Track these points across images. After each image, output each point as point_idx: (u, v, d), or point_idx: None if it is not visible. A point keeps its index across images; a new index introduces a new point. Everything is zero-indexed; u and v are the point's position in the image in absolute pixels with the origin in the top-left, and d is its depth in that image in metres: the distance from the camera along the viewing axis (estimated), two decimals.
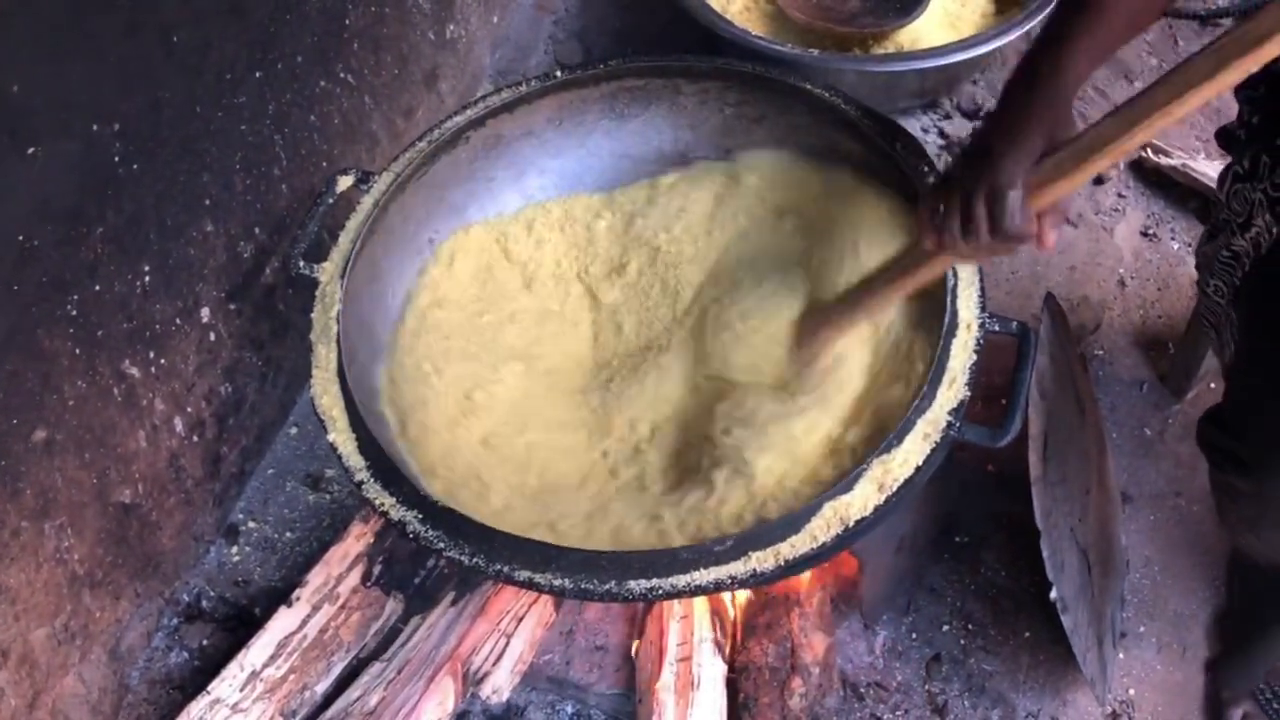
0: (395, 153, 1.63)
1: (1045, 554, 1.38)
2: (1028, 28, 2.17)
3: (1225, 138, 1.43)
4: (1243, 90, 1.35)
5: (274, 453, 1.94)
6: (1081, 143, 1.11)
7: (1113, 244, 2.24)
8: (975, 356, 1.34)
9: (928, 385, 1.30)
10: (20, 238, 1.25)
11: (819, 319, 1.50)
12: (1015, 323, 1.38)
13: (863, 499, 1.23)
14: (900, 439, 1.27)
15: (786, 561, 1.21)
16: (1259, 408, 1.29)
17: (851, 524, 1.22)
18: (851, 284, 1.47)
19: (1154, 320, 2.12)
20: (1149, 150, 2.33)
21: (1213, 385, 1.98)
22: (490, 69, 2.48)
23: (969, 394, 1.31)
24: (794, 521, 1.22)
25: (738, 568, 1.21)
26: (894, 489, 1.24)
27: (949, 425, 1.29)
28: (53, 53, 1.23)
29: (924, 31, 2.35)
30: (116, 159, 1.37)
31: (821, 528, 1.22)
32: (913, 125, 2.36)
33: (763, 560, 1.21)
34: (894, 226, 1.50)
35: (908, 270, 1.34)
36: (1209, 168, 2.27)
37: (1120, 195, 2.32)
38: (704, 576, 1.20)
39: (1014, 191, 1.12)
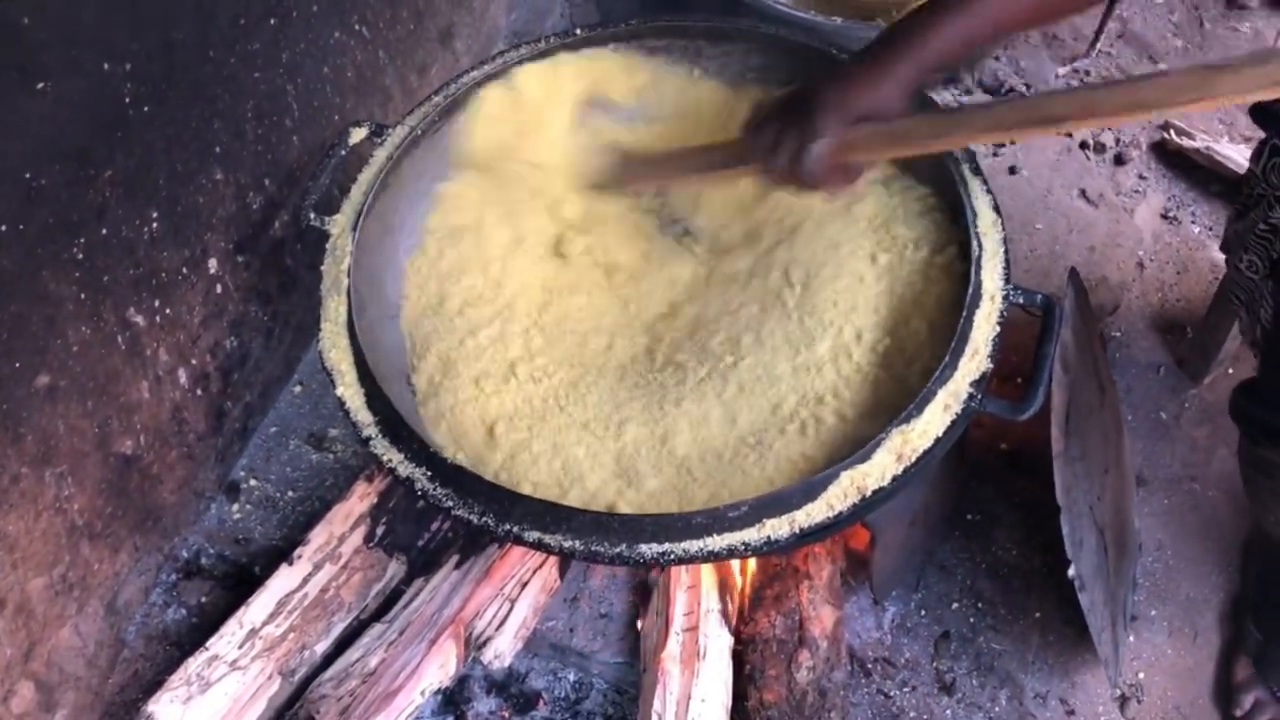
0: (407, 109, 1.60)
1: (1065, 530, 1.36)
2: None
3: (1261, 113, 1.40)
4: None
5: (277, 410, 1.91)
6: (894, 128, 1.24)
7: (1133, 225, 2.21)
8: (998, 328, 1.32)
9: (949, 356, 1.27)
10: (27, 175, 1.22)
11: (635, 162, 1.60)
12: (1040, 295, 1.36)
13: (880, 469, 1.21)
14: (920, 409, 1.24)
15: (801, 530, 1.18)
16: None
17: (869, 494, 1.19)
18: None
19: (1173, 303, 2.09)
20: (1172, 132, 2.30)
21: (1230, 370, 1.96)
22: (505, 29, 2.44)
23: (991, 366, 1.29)
24: (810, 489, 1.20)
25: (751, 534, 1.18)
26: (913, 460, 1.21)
27: (970, 397, 1.26)
28: None
29: None
30: (127, 100, 1.34)
31: (838, 496, 1.19)
32: (929, 96, 2.32)
33: (777, 528, 1.18)
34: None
35: (723, 160, 1.44)
36: (1233, 151, 2.24)
37: (1141, 177, 2.29)
38: (717, 542, 1.18)
39: (817, 144, 1.23)
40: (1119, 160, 2.31)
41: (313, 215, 1.47)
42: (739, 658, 1.54)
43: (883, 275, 1.43)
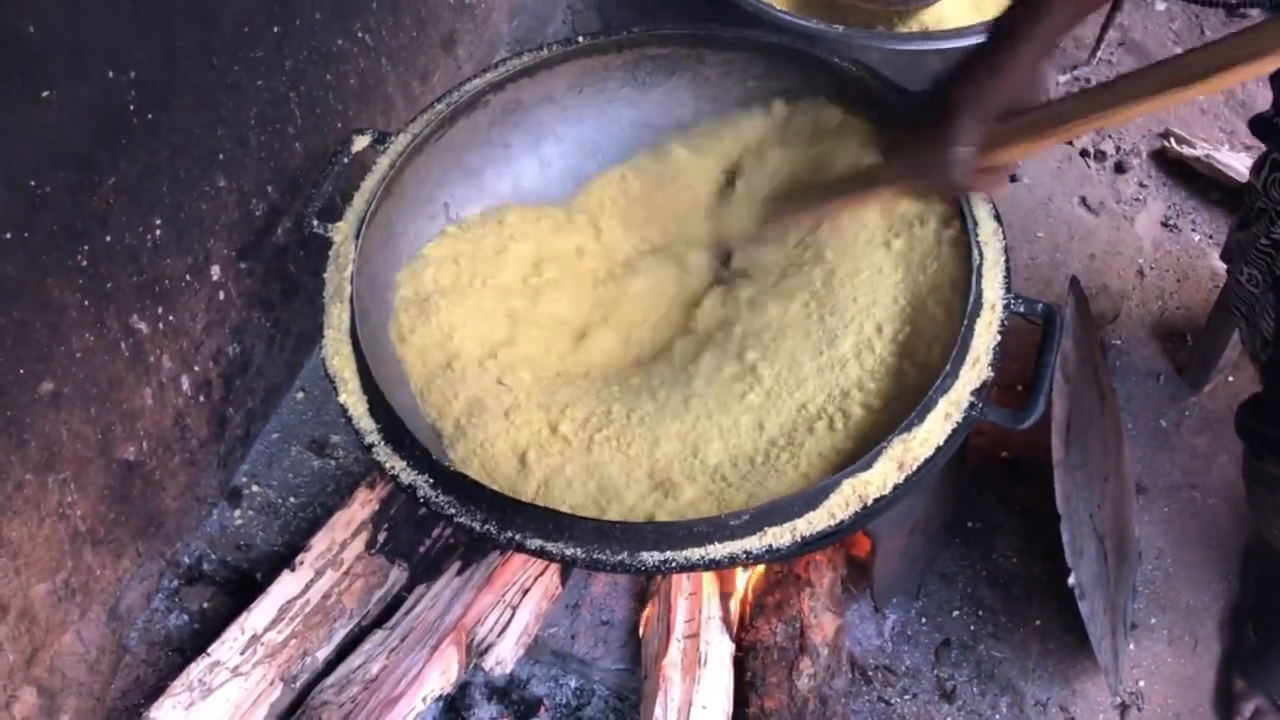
0: (409, 116, 1.61)
1: (1065, 539, 1.36)
2: None
3: (1261, 126, 1.40)
4: (1277, 79, 1.33)
5: (279, 416, 1.91)
6: (1039, 115, 1.18)
7: (1133, 233, 2.21)
8: (999, 337, 1.32)
9: (950, 364, 1.28)
10: (32, 183, 1.23)
11: (784, 201, 1.56)
12: (1041, 304, 1.36)
13: (882, 477, 1.21)
14: (921, 418, 1.24)
15: (803, 538, 1.18)
16: None
17: (870, 502, 1.19)
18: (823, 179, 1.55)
19: (1173, 311, 2.09)
20: (1172, 140, 2.31)
21: (1230, 379, 1.96)
22: (508, 36, 2.45)
23: (992, 374, 1.29)
24: (811, 498, 1.20)
25: (753, 543, 1.19)
26: (914, 468, 1.22)
27: (971, 405, 1.26)
28: None
29: (949, 12, 2.31)
30: (131, 107, 1.35)
31: (840, 505, 1.20)
32: None
33: (779, 536, 1.19)
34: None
35: (864, 186, 1.42)
36: (1233, 159, 2.25)
37: (1141, 185, 2.29)
38: (718, 550, 1.18)
39: (964, 148, 1.20)
40: (1119, 168, 2.31)
41: (315, 222, 1.47)
42: (740, 665, 1.54)
43: (898, 262, 1.42)
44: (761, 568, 1.62)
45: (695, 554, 1.18)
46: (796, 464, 1.32)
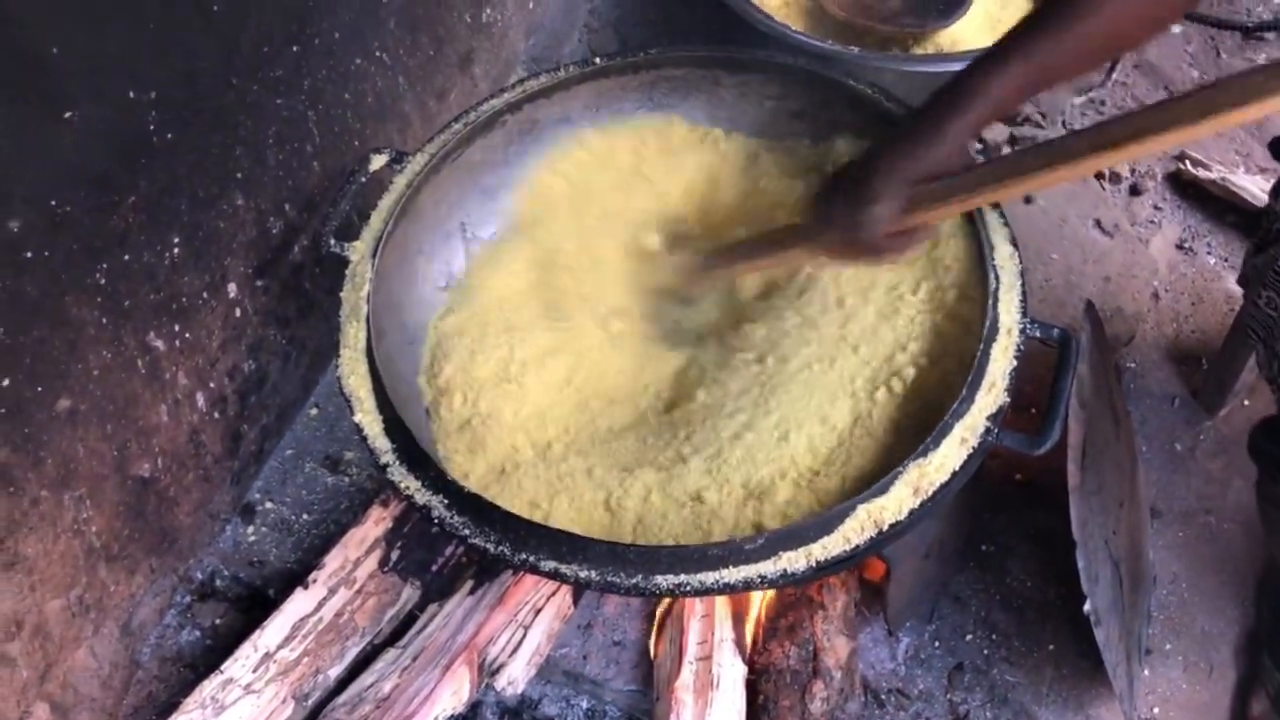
0: (426, 134, 1.62)
1: (1080, 565, 1.35)
2: None
3: (1279, 148, 1.40)
4: None
5: (293, 433, 1.92)
6: (956, 182, 1.18)
7: (1148, 256, 2.21)
8: (1015, 362, 1.32)
9: (966, 390, 1.28)
10: (53, 202, 1.23)
11: (719, 251, 1.57)
12: (1057, 329, 1.36)
13: (897, 502, 1.21)
14: (937, 443, 1.24)
15: (818, 563, 1.18)
16: None
17: (885, 527, 1.19)
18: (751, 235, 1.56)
19: (1188, 334, 2.09)
20: (1187, 162, 2.31)
21: (1246, 402, 1.96)
22: (524, 55, 2.46)
23: (1008, 400, 1.29)
24: (827, 522, 1.20)
25: (767, 567, 1.19)
26: (929, 493, 1.22)
27: (987, 431, 1.26)
28: (91, 16, 1.22)
29: (964, 34, 2.32)
30: (151, 127, 1.36)
31: (855, 530, 1.20)
32: None
33: (794, 560, 1.19)
34: None
35: (786, 243, 1.42)
36: (1248, 182, 2.24)
37: (1156, 207, 2.29)
38: (733, 574, 1.18)
39: (875, 207, 1.20)
40: (1134, 190, 2.31)
41: (332, 241, 1.48)
42: (752, 688, 1.53)
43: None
44: (774, 590, 1.61)
45: (710, 578, 1.18)
46: (874, 436, 1.36)
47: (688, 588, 1.18)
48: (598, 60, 1.67)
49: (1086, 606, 1.37)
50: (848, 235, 1.24)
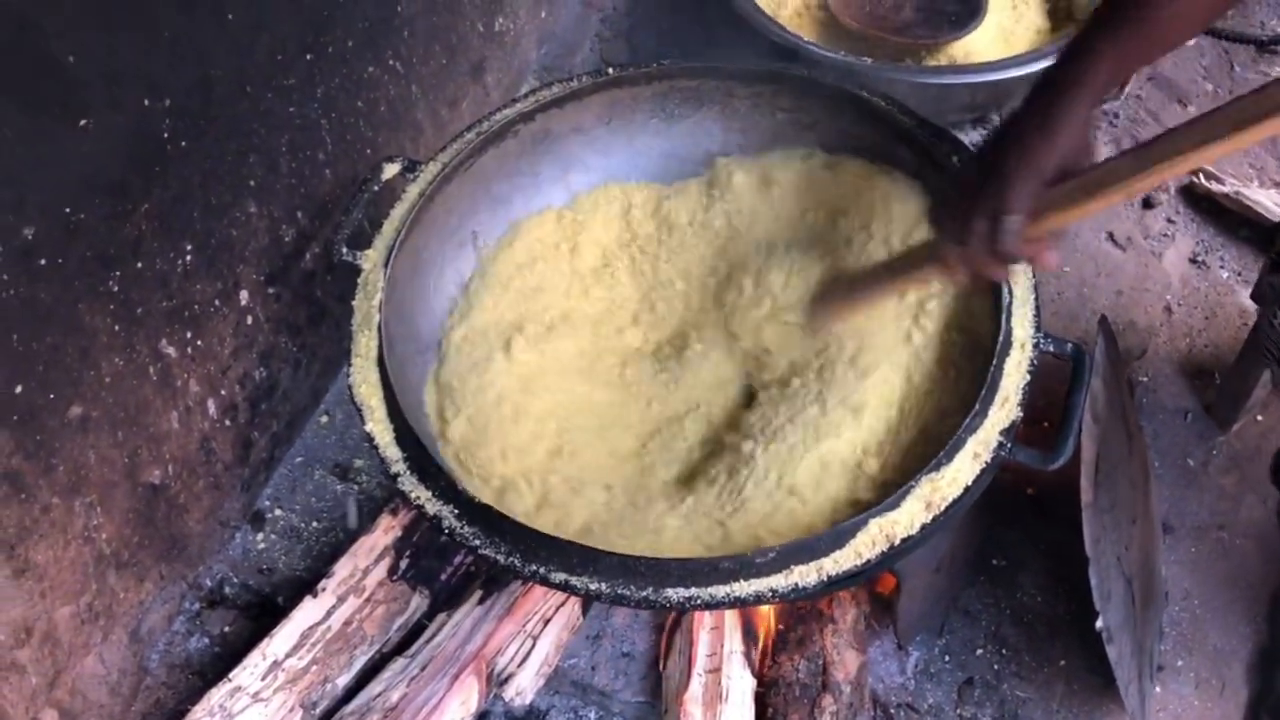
0: (438, 142, 1.62)
1: (1093, 582, 1.35)
2: None
3: None
4: None
5: (303, 440, 1.92)
6: (1092, 176, 1.11)
7: (1161, 270, 2.20)
8: (1029, 377, 1.32)
9: (979, 404, 1.27)
10: (67, 210, 1.23)
11: (829, 291, 1.55)
12: (1071, 344, 1.36)
13: (909, 517, 1.21)
14: (950, 457, 1.24)
15: (829, 577, 1.18)
16: None
17: (897, 542, 1.19)
18: (864, 266, 1.53)
19: (1201, 349, 2.08)
20: (1201, 176, 2.30)
21: (1259, 418, 1.95)
22: (536, 64, 2.46)
23: (1021, 415, 1.28)
24: (838, 537, 1.19)
25: (779, 581, 1.18)
26: (942, 508, 1.22)
27: (1000, 445, 1.26)
28: (107, 25, 1.22)
29: (977, 45, 2.32)
30: (165, 135, 1.36)
31: (866, 544, 1.19)
32: (961, 140, 2.32)
33: (805, 575, 1.18)
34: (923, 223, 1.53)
35: (911, 268, 1.38)
36: (1262, 196, 2.24)
37: (1170, 221, 2.28)
38: (744, 588, 1.18)
39: (1015, 216, 1.12)
40: (1147, 204, 2.30)
41: (344, 250, 1.48)
42: (761, 701, 1.52)
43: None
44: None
45: (721, 591, 1.18)
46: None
47: (698, 601, 1.17)
48: (611, 70, 1.67)
49: (1099, 623, 1.36)
50: (985, 250, 1.17)
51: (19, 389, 1.24)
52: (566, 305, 1.67)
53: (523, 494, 1.44)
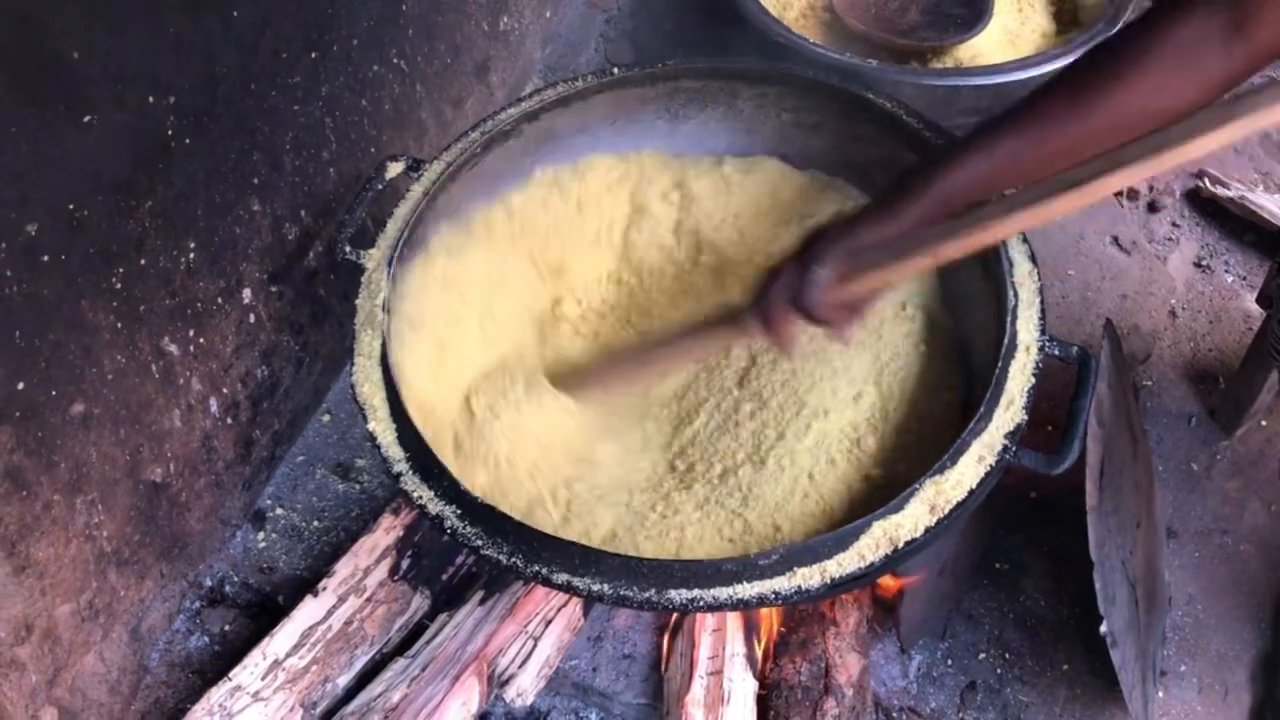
0: (442, 142, 1.62)
1: (1098, 586, 1.34)
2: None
3: None
4: None
5: (305, 439, 1.91)
6: (903, 242, 1.16)
7: (1165, 274, 2.19)
8: (1034, 380, 1.31)
9: (984, 406, 1.27)
10: (70, 207, 1.23)
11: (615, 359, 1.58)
12: (1076, 348, 1.35)
13: (913, 520, 1.20)
14: (954, 460, 1.24)
15: (833, 580, 1.18)
16: None
17: (901, 545, 1.19)
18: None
19: (1205, 353, 2.07)
20: (1206, 180, 2.29)
21: (1264, 423, 1.94)
22: (540, 64, 2.46)
23: (1026, 418, 1.28)
24: (841, 539, 1.19)
25: (782, 583, 1.18)
26: (946, 511, 1.21)
27: (1004, 449, 1.26)
28: (112, 22, 1.22)
29: (983, 48, 2.31)
30: (169, 132, 1.36)
31: (870, 547, 1.19)
32: None
33: (808, 577, 1.18)
34: None
35: (709, 329, 1.41)
36: (1268, 200, 2.23)
37: (1174, 225, 2.28)
38: (747, 590, 1.17)
39: (819, 271, 1.18)
40: (1152, 208, 2.30)
41: (348, 248, 1.47)
42: (763, 703, 1.52)
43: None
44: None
45: (723, 593, 1.17)
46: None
47: (701, 603, 1.17)
48: (615, 71, 1.66)
49: (1103, 628, 1.35)
50: (790, 301, 1.22)
51: (21, 385, 1.24)
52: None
53: (549, 510, 1.43)
